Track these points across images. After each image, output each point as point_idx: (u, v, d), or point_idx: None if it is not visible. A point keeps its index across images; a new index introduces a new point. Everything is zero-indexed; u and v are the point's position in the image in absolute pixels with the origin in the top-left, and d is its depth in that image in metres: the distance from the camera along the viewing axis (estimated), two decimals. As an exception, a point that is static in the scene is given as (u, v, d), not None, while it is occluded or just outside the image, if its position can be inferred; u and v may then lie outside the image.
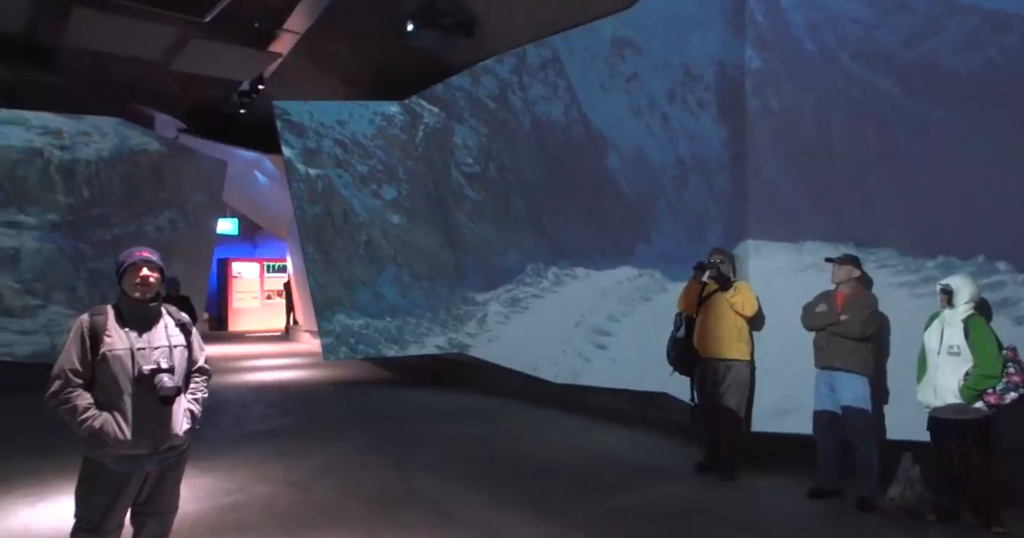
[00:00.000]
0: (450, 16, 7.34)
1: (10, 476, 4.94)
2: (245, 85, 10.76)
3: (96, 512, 2.58)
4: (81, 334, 2.59)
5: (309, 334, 14.35)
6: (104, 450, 2.56)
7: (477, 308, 8.22)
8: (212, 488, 4.69)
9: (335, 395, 8.83)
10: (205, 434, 6.39)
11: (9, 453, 5.55)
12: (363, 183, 8.76)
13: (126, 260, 2.71)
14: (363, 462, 5.40)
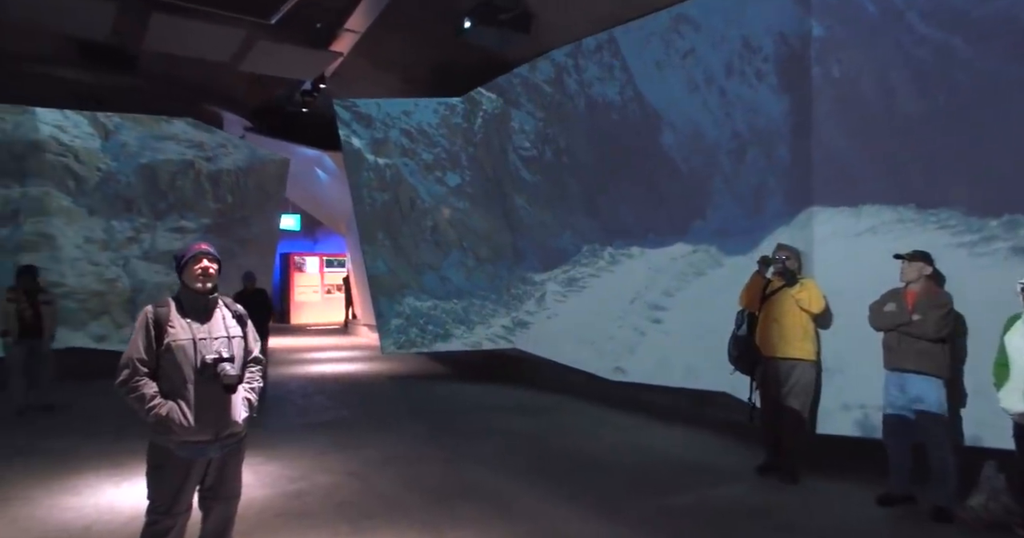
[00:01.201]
0: (506, 12, 7.34)
1: (97, 457, 5.24)
2: (307, 84, 11.05)
3: (166, 495, 2.69)
4: (146, 325, 2.69)
5: (367, 328, 14.66)
6: (169, 436, 2.66)
7: (535, 288, 8.41)
8: (277, 475, 4.85)
9: (392, 388, 8.99)
10: (270, 423, 6.65)
11: (98, 435, 5.87)
12: (428, 170, 9.08)
13: (187, 253, 2.82)
14: (419, 454, 5.48)
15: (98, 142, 9.47)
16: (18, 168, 8.92)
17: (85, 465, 5.05)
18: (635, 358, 7.00)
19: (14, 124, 8.98)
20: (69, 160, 9.22)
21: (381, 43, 9.24)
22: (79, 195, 9.37)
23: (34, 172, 8.99)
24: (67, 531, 3.82)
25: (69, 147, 9.20)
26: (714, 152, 6.05)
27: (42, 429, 6.33)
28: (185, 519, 2.77)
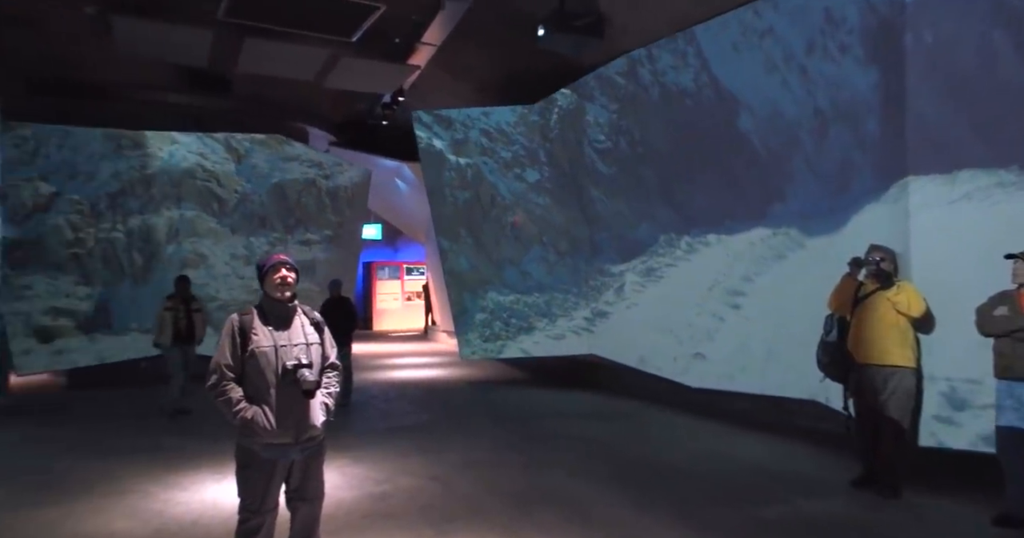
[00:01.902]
0: (580, 18, 7.34)
1: (202, 455, 5.58)
2: (387, 97, 11.41)
3: (254, 494, 2.83)
4: (232, 332, 2.83)
5: (446, 334, 14.93)
6: (254, 438, 2.80)
7: (613, 279, 8.48)
8: (363, 477, 5.00)
9: (471, 393, 9.11)
10: (355, 426, 6.88)
11: (206, 436, 6.25)
12: (507, 168, 9.37)
13: (267, 263, 2.94)
14: (499, 459, 5.52)
15: (233, 166, 10.45)
16: (175, 193, 10.00)
17: (193, 463, 5.39)
18: (714, 344, 6.98)
19: (168, 153, 10.00)
20: (212, 185, 10.27)
21: (457, 54, 9.44)
22: (222, 216, 10.40)
23: (186, 197, 10.07)
24: (178, 524, 4.09)
25: (212, 172, 10.20)
26: (794, 132, 5.98)
27: (161, 429, 6.80)
28: (273, 517, 2.90)
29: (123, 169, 9.71)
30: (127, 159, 9.74)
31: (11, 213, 8.91)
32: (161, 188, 9.95)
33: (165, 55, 8.93)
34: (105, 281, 9.60)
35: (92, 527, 4.04)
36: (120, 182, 9.68)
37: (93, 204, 9.55)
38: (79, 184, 9.46)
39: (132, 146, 9.78)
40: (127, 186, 9.73)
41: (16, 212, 8.97)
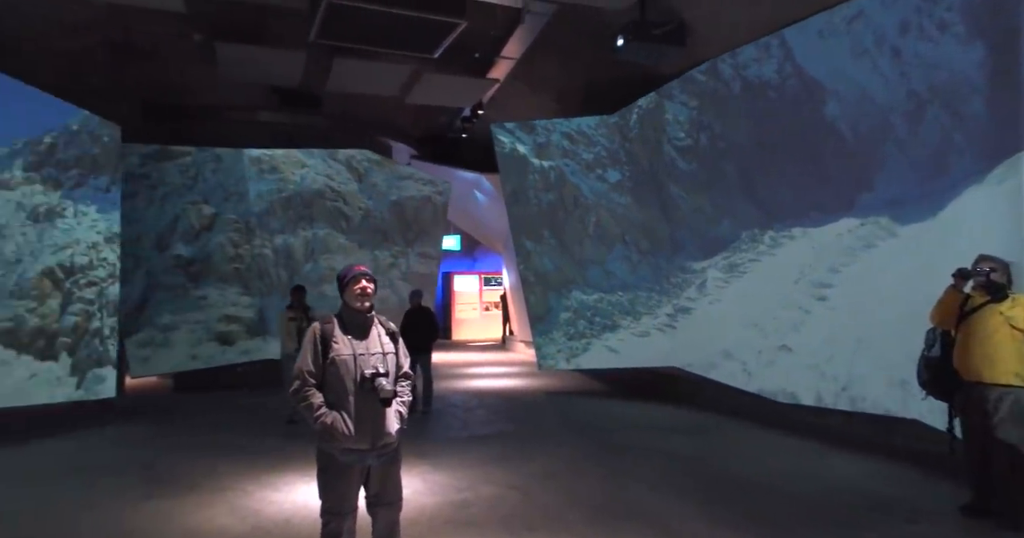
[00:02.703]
0: (660, 27, 7.28)
1: (295, 457, 5.84)
2: (466, 111, 11.67)
3: (333, 497, 2.94)
4: (315, 340, 2.94)
5: (524, 344, 15.00)
6: (333, 443, 2.89)
7: (695, 276, 8.45)
8: (444, 484, 5.10)
9: (550, 404, 9.11)
10: (436, 434, 7.01)
11: (296, 437, 6.56)
12: (589, 169, 9.54)
13: (347, 274, 3.05)
14: (579, 470, 5.50)
15: (356, 185, 11.23)
16: (308, 214, 10.88)
17: (286, 465, 5.65)
18: (800, 336, 6.83)
19: (300, 176, 10.86)
20: (340, 204, 11.12)
21: (536, 67, 9.56)
22: (350, 232, 11.18)
23: (317, 216, 10.93)
24: (272, 522, 4.31)
25: (338, 192, 11.04)
26: (885, 116, 5.81)
27: (259, 431, 7.18)
28: (353, 520, 3.00)
29: (265, 191, 10.67)
30: (268, 182, 10.70)
31: (184, 233, 10.10)
32: (296, 209, 10.87)
33: (262, 77, 9.50)
34: (261, 292, 10.57)
35: (197, 521, 4.31)
36: (264, 203, 10.66)
37: (246, 223, 10.56)
38: (233, 205, 10.48)
39: (271, 170, 10.75)
40: (270, 207, 10.69)
41: (188, 232, 10.14)
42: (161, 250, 10.02)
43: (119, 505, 4.65)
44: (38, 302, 7.36)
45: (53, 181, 7.60)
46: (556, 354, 9.56)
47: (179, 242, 10.11)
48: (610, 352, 9.31)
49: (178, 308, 9.99)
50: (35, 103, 7.34)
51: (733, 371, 7.53)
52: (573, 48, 9.01)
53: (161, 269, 9.99)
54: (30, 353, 7.21)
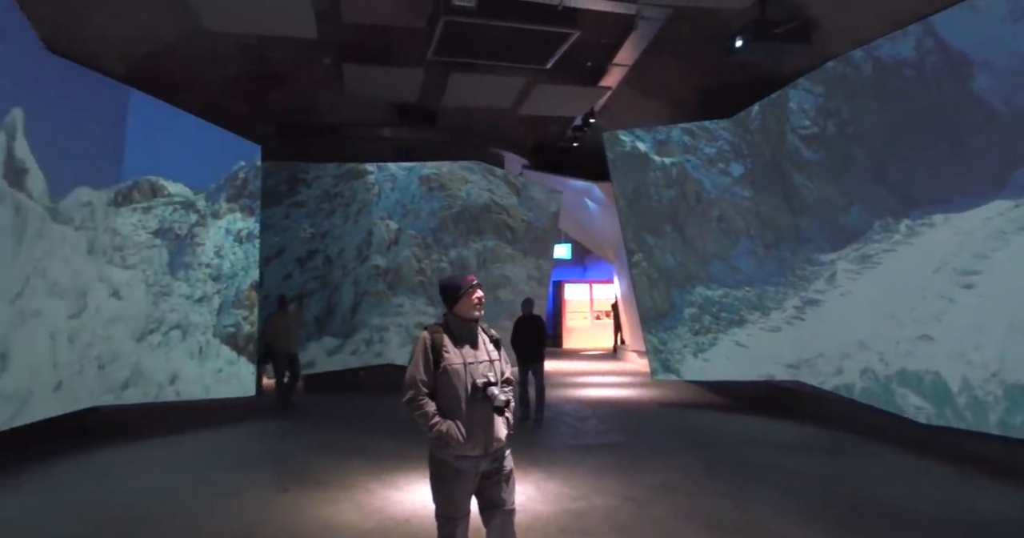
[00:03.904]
0: (782, 25, 6.98)
1: (415, 458, 6.02)
2: (578, 120, 11.70)
3: (448, 502, 2.99)
4: (426, 349, 2.99)
5: (636, 354, 14.75)
6: (447, 450, 2.94)
7: (823, 268, 8.11)
8: (558, 493, 5.11)
9: (664, 416, 8.89)
10: (549, 442, 7.04)
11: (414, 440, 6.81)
12: (711, 164, 9.44)
13: (463, 284, 3.08)
14: (695, 485, 5.33)
15: (515, 199, 11.84)
16: (476, 227, 11.62)
17: (407, 466, 5.88)
18: (943, 325, 6.33)
19: (465, 192, 11.59)
20: (504, 216, 11.80)
21: (649, 73, 9.44)
22: (514, 242, 11.81)
23: (485, 229, 11.66)
24: (394, 520, 4.50)
25: (502, 206, 11.73)
26: None
27: (377, 431, 7.54)
28: (466, 525, 3.05)
29: (436, 208, 11.44)
30: (438, 198, 11.46)
31: (378, 245, 11.16)
32: (466, 223, 11.57)
33: (383, 95, 10.03)
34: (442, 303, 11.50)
35: (326, 515, 4.58)
36: (437, 219, 11.45)
37: (424, 238, 11.37)
38: (411, 221, 11.35)
39: (439, 187, 11.50)
40: (442, 223, 11.47)
41: (381, 244, 11.18)
42: (362, 261, 11.10)
43: (259, 496, 5.04)
44: (249, 310, 9.05)
45: (248, 209, 9.15)
46: (681, 349, 9.47)
47: (375, 254, 11.15)
48: (738, 347, 9.13)
49: (383, 312, 11.04)
50: (219, 139, 8.60)
51: (869, 360, 7.15)
52: (687, 52, 8.82)
53: (365, 278, 11.09)
54: (245, 355, 8.85)
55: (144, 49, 7.96)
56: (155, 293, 7.77)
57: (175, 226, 8.04)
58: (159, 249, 7.84)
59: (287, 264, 10.93)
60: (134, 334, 7.53)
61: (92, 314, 7.02)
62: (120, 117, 7.46)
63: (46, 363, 6.37)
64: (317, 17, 7.00)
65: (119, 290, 7.38)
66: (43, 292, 6.33)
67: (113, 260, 7.37)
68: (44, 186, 6.26)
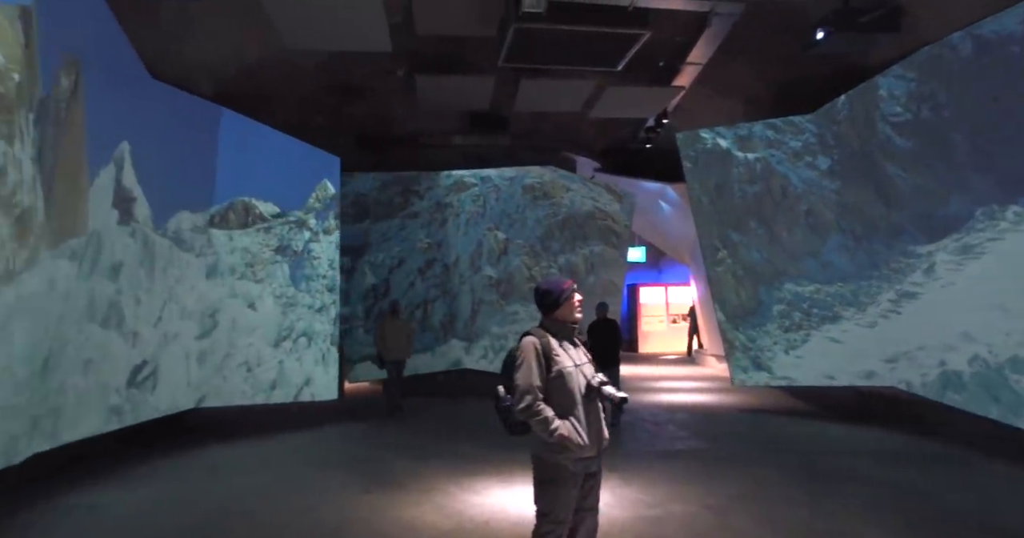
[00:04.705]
0: (868, 13, 6.66)
1: (491, 463, 6.17)
2: (650, 121, 11.53)
3: (562, 506, 2.96)
4: (538, 355, 2.99)
5: (714, 358, 14.36)
6: (564, 454, 2.94)
7: (919, 260, 7.78)
8: (635, 499, 5.05)
9: (744, 422, 8.63)
10: (625, 447, 6.96)
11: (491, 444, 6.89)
12: (797, 158, 9.22)
13: (564, 289, 3.10)
14: (777, 495, 5.15)
15: (616, 205, 12.00)
16: (582, 233, 11.90)
17: (484, 469, 5.98)
18: None
19: (569, 200, 11.87)
20: (608, 222, 12.02)
21: (723, 71, 9.21)
22: (619, 247, 11.96)
23: (591, 235, 11.91)
24: (474, 523, 4.58)
25: (606, 212, 11.94)
26: None
27: (455, 435, 7.69)
28: (566, 529, 3.04)
29: (541, 216, 11.72)
30: (542, 207, 11.73)
31: (488, 255, 11.53)
32: (571, 230, 11.80)
33: (455, 103, 10.21)
34: None
35: (409, 516, 4.71)
36: (543, 227, 11.73)
37: (531, 246, 11.68)
38: (517, 230, 11.66)
39: (543, 196, 11.80)
40: (548, 230, 11.75)
41: (491, 254, 11.56)
42: (475, 271, 11.53)
43: (343, 496, 5.24)
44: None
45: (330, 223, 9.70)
46: (772, 346, 9.23)
47: (486, 264, 11.54)
48: (833, 343, 8.81)
49: (500, 321, 11.39)
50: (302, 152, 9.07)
51: (977, 351, 6.79)
52: (764, 48, 8.55)
53: (479, 287, 11.49)
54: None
55: (233, 70, 8.43)
56: (283, 304, 8.65)
57: (292, 243, 8.86)
58: (281, 264, 8.72)
59: (409, 273, 11.44)
60: (271, 341, 8.43)
61: (229, 327, 7.98)
62: (213, 137, 7.95)
63: (183, 379, 7.35)
64: (391, 30, 7.21)
65: (254, 302, 8.33)
66: (177, 316, 7.28)
67: (245, 275, 8.27)
68: (148, 213, 6.81)
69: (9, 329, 4.52)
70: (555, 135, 12.52)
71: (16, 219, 4.45)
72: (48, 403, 5.28)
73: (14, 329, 4.59)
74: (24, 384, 4.84)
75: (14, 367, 4.66)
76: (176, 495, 5.37)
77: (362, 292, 11.20)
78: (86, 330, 5.89)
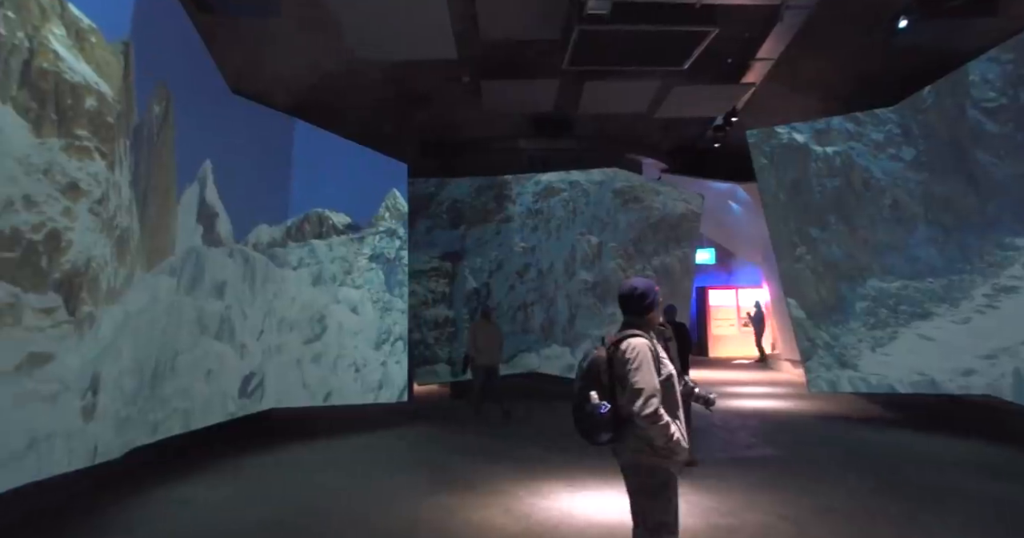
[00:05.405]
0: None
1: (558, 467, 6.15)
2: (718, 119, 11.25)
3: (674, 513, 2.84)
4: (654, 357, 2.85)
5: (790, 363, 13.86)
6: (672, 459, 2.82)
7: (1019, 253, 7.42)
8: (707, 507, 4.92)
9: (823, 430, 8.27)
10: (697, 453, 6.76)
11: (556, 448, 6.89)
12: (879, 149, 8.92)
13: (657, 291, 2.99)
14: (861, 509, 4.90)
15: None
16: (675, 235, 12.01)
17: (550, 474, 5.95)
18: None
19: (661, 203, 12.00)
20: (697, 224, 12.15)
21: (797, 65, 8.90)
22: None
23: (683, 237, 12.05)
24: (542, 526, 4.57)
25: (699, 215, 12.06)
26: None
27: (521, 438, 7.71)
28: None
29: (633, 220, 11.81)
30: (633, 211, 11.80)
31: (582, 260, 11.66)
32: (665, 232, 11.89)
33: (519, 108, 10.26)
34: None
35: (477, 519, 4.75)
36: (635, 230, 11.80)
37: (625, 249, 11.76)
38: (610, 233, 11.75)
39: (634, 200, 11.86)
40: (641, 233, 11.81)
41: (585, 259, 11.70)
42: (570, 277, 11.64)
43: (412, 497, 5.32)
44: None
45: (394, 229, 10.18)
46: (856, 344, 8.87)
47: (581, 269, 11.60)
48: (924, 340, 8.42)
49: (599, 324, 11.47)
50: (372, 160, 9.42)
51: None
52: (840, 39, 8.20)
53: (575, 291, 11.54)
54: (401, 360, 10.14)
55: (307, 82, 8.75)
56: (380, 308, 9.21)
57: (385, 251, 9.39)
58: (376, 271, 9.28)
59: (508, 276, 11.63)
60: (372, 344, 8.98)
61: (336, 330, 8.56)
62: (288, 149, 8.26)
63: (296, 383, 8.00)
64: (456, 37, 7.32)
65: (356, 307, 8.92)
66: (276, 326, 7.88)
67: (345, 282, 8.85)
68: (230, 227, 7.16)
69: (118, 345, 4.85)
70: (620, 137, 12.39)
71: (116, 240, 4.75)
72: (171, 406, 5.86)
73: (122, 345, 4.92)
74: (133, 395, 5.22)
75: (123, 380, 5.01)
76: (259, 491, 5.60)
77: (464, 295, 11.46)
78: (203, 342, 6.47)
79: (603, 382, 2.80)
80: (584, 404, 2.78)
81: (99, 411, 4.59)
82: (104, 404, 4.65)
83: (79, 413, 4.38)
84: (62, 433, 4.23)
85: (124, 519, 4.82)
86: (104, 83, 4.44)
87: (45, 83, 3.97)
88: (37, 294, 3.89)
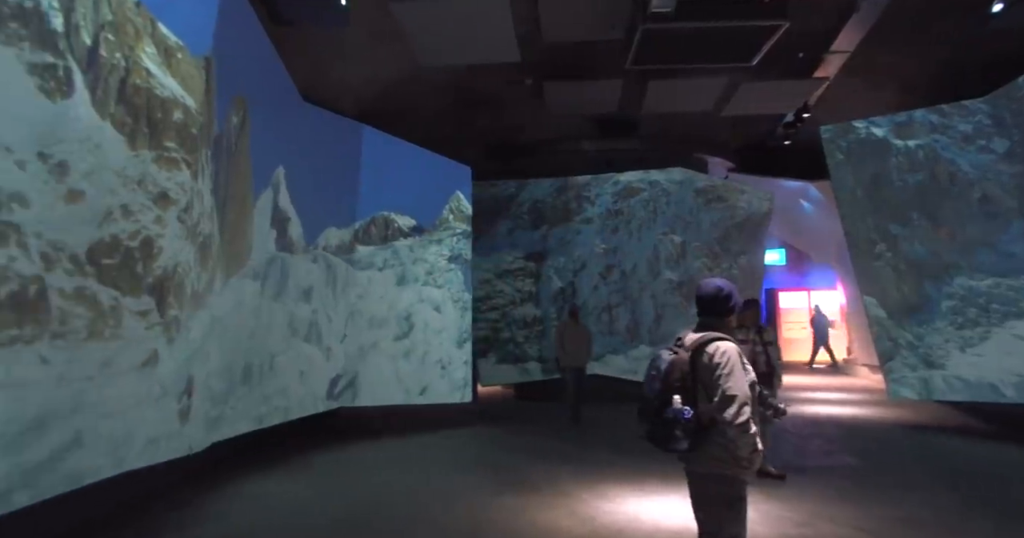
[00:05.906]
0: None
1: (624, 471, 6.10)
2: (789, 116, 10.88)
3: (744, 527, 2.73)
4: (743, 362, 2.69)
5: (867, 369, 13.26)
6: (750, 469, 2.66)
7: None
8: (778, 516, 4.77)
9: (904, 439, 7.88)
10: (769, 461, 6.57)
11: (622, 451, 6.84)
12: (967, 141, 8.51)
13: (737, 294, 2.89)
14: (947, 524, 4.64)
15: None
16: (753, 236, 12.03)
17: (616, 477, 5.91)
18: None
19: (746, 202, 12.01)
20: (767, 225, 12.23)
21: (873, 59, 8.51)
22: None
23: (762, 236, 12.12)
24: (608, 530, 4.54)
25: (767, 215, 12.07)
26: None
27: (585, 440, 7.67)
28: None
29: (716, 219, 11.78)
30: (717, 210, 11.78)
31: (666, 260, 11.65)
32: (749, 231, 11.84)
33: (583, 109, 10.21)
34: None
35: (543, 520, 4.75)
36: (719, 229, 11.77)
37: (710, 248, 11.76)
38: (693, 233, 11.74)
39: (717, 199, 11.86)
40: (725, 232, 11.80)
41: (669, 258, 11.71)
42: (654, 276, 11.64)
43: (478, 497, 5.38)
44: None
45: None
46: (943, 344, 8.44)
47: (665, 268, 11.56)
48: (1020, 340, 7.94)
49: (685, 323, 11.55)
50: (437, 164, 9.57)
51: None
52: (922, 29, 7.79)
53: (661, 291, 11.54)
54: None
55: (374, 89, 8.97)
56: (460, 308, 9.45)
57: (463, 253, 9.63)
58: (455, 271, 9.54)
59: (592, 277, 11.68)
60: (455, 342, 9.26)
61: (423, 328, 8.93)
62: (356, 153, 8.50)
63: (391, 377, 8.42)
64: (519, 40, 7.35)
65: (439, 306, 9.25)
66: (365, 326, 8.29)
67: (428, 282, 9.19)
68: (301, 231, 7.43)
69: (206, 349, 5.11)
70: (686, 136, 12.15)
71: (200, 246, 5.00)
72: (272, 403, 6.31)
73: (210, 348, 5.18)
74: (222, 396, 5.49)
75: (211, 381, 5.28)
76: (329, 488, 5.77)
77: (551, 294, 11.55)
78: (294, 344, 6.90)
79: (686, 386, 2.65)
80: (663, 409, 2.63)
81: (192, 413, 4.84)
82: (196, 406, 4.91)
83: (176, 416, 4.63)
84: (164, 435, 4.50)
85: (202, 514, 5.05)
86: (189, 97, 4.69)
87: (139, 99, 4.23)
88: (134, 298, 4.14)
